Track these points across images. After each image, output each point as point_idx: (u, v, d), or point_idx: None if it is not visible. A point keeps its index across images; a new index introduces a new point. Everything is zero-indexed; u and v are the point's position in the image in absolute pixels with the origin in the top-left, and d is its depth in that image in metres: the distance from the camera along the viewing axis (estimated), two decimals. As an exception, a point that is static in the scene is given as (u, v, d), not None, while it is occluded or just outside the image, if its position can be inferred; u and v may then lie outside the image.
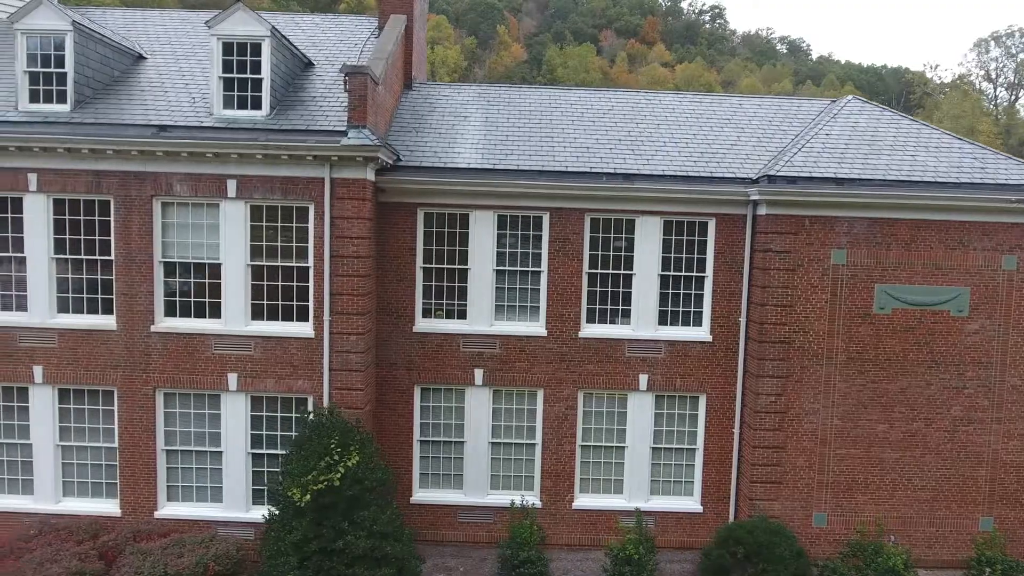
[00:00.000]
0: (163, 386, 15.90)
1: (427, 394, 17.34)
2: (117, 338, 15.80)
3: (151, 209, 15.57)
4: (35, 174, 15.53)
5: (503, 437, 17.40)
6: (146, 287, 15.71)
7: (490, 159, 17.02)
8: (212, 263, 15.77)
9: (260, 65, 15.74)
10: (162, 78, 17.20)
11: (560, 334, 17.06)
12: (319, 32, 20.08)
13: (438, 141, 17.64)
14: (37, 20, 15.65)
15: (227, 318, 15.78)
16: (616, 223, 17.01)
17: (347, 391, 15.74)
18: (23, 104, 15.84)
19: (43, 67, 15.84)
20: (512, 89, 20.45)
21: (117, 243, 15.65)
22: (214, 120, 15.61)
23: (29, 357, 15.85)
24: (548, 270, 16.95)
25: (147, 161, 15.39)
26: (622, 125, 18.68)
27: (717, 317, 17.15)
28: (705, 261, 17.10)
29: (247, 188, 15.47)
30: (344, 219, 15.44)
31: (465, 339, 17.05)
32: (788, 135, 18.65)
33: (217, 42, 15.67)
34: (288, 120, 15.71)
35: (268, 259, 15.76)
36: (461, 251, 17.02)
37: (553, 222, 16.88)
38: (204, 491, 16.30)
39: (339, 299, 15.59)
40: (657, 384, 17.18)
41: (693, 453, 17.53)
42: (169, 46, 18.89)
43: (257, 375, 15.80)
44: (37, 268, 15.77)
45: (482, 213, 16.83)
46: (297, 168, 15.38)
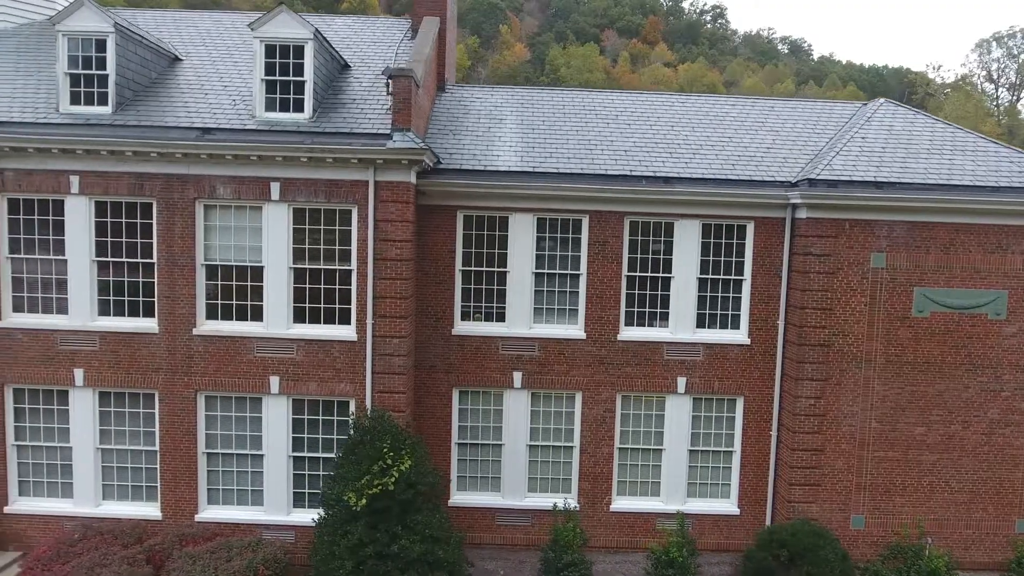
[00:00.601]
0: (204, 389, 15.87)
1: (465, 397, 17.35)
2: (159, 341, 15.77)
3: (194, 212, 15.54)
4: (77, 176, 15.48)
5: (541, 440, 17.42)
6: (188, 290, 15.67)
7: (529, 162, 17.03)
8: (254, 266, 15.74)
9: (303, 68, 15.72)
10: (200, 80, 17.16)
11: (599, 337, 17.08)
12: (352, 34, 20.06)
13: (476, 144, 17.64)
14: (79, 22, 15.60)
15: (269, 321, 15.76)
16: (655, 226, 17.03)
17: (389, 394, 15.73)
18: (64, 106, 15.79)
19: (84, 69, 15.78)
20: (544, 92, 20.45)
21: (159, 246, 15.61)
22: (257, 123, 15.58)
23: (70, 360, 15.81)
24: (587, 273, 16.97)
25: (191, 164, 15.35)
26: (657, 128, 18.69)
27: (755, 320, 17.18)
28: (743, 264, 17.13)
29: (290, 191, 15.45)
30: (388, 222, 15.43)
31: (504, 342, 17.06)
32: (823, 138, 18.69)
33: (260, 44, 15.63)
34: (331, 122, 15.69)
35: (311, 262, 15.74)
36: (500, 254, 17.02)
37: (592, 225, 16.89)
38: (245, 494, 16.28)
39: (382, 302, 15.58)
40: (695, 387, 17.21)
41: (730, 456, 17.57)
42: (203, 48, 18.84)
43: (299, 378, 15.78)
44: (78, 270, 15.72)
45: (522, 216, 16.84)
46: (341, 171, 15.36)
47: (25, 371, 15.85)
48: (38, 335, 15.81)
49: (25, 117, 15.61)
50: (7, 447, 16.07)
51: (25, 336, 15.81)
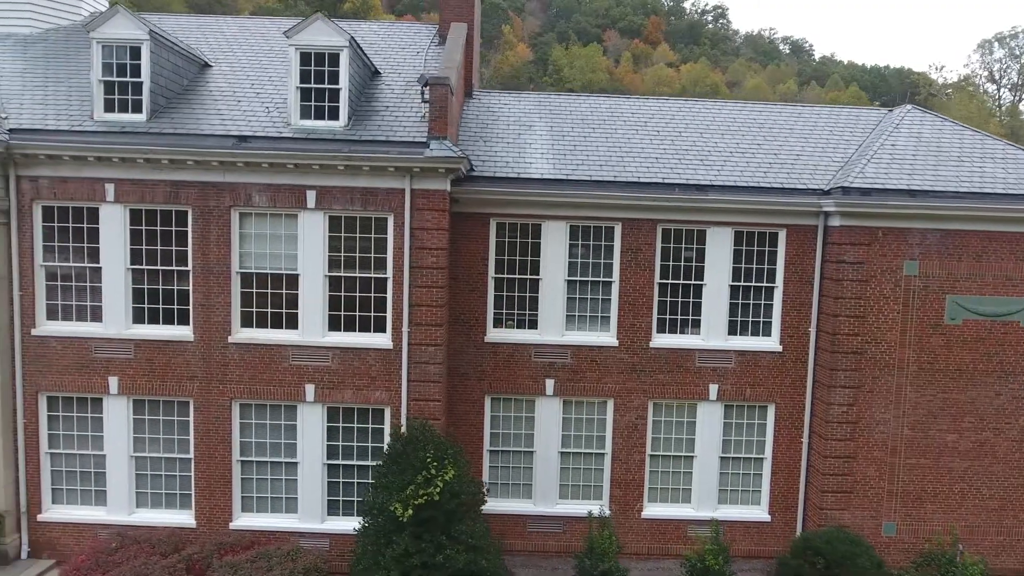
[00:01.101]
0: (240, 397, 15.86)
1: (497, 404, 17.36)
2: (194, 349, 15.75)
3: (229, 219, 15.52)
4: (112, 184, 15.46)
5: (573, 447, 17.44)
6: (223, 298, 15.66)
7: (562, 169, 17.04)
8: (290, 274, 15.73)
9: (338, 75, 15.71)
10: (232, 87, 17.13)
11: (631, 344, 17.10)
12: (379, 40, 20.04)
13: (507, 151, 17.64)
14: (113, 29, 15.58)
15: (304, 329, 15.76)
16: (687, 234, 17.05)
17: (425, 402, 15.74)
18: (98, 113, 15.76)
19: (118, 76, 15.75)
20: (571, 98, 20.46)
21: (195, 254, 15.59)
22: (292, 131, 15.57)
23: (104, 368, 15.79)
24: (619, 280, 16.99)
25: (227, 172, 15.34)
26: (687, 135, 18.71)
27: (787, 327, 17.21)
28: (775, 271, 17.16)
29: (327, 199, 15.44)
30: (424, 230, 15.43)
31: (536, 349, 17.08)
32: (852, 145, 18.72)
33: (295, 52, 15.62)
34: (366, 130, 15.68)
35: (346, 270, 15.74)
36: (533, 261, 17.03)
37: (625, 232, 16.90)
38: (279, 501, 16.28)
39: (418, 310, 15.59)
40: (727, 394, 17.24)
41: (761, 462, 17.61)
42: (232, 54, 18.81)
43: (335, 386, 15.78)
44: (113, 278, 15.70)
45: (555, 223, 16.85)
46: (377, 179, 15.36)
47: (59, 379, 15.82)
48: (72, 343, 15.78)
49: (60, 125, 15.59)
50: (40, 455, 16.04)
51: (59, 344, 15.78)
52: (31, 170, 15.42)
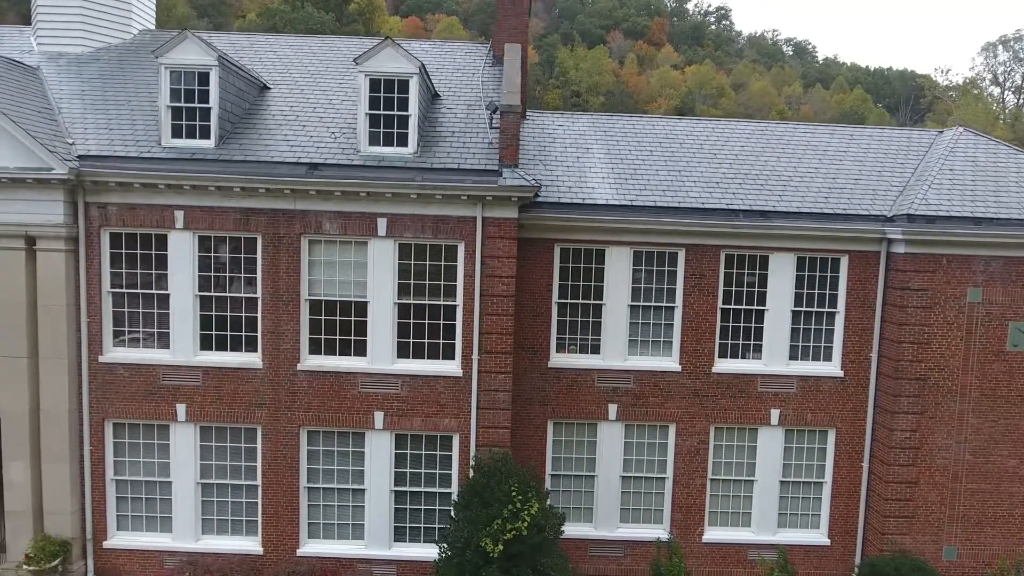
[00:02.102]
0: (308, 424, 15.85)
1: (559, 428, 17.38)
2: (262, 376, 15.72)
3: (299, 247, 15.50)
4: (182, 211, 15.41)
5: (634, 471, 17.48)
6: (292, 325, 15.63)
7: (625, 194, 17.05)
8: (359, 301, 15.71)
9: (407, 102, 15.69)
10: (295, 111, 17.09)
11: (694, 369, 17.14)
12: (431, 60, 19.99)
13: (568, 174, 17.64)
14: (182, 54, 15.52)
15: (373, 356, 15.75)
16: (750, 259, 17.09)
17: (494, 429, 15.76)
18: (166, 139, 15.70)
19: (187, 102, 15.68)
20: (623, 119, 20.46)
21: (264, 281, 15.56)
22: (363, 158, 15.54)
23: (172, 395, 15.75)
24: (683, 306, 17.02)
25: (298, 199, 15.31)
26: (743, 158, 18.74)
27: (848, 352, 17.28)
28: (837, 297, 17.22)
29: (397, 227, 15.43)
30: (494, 258, 15.44)
31: (600, 374, 17.10)
32: (907, 168, 18.78)
33: (364, 78, 15.59)
34: (436, 158, 15.66)
35: (415, 297, 15.72)
36: (596, 286, 17.02)
37: (689, 258, 16.93)
38: (345, 528, 16.27)
39: (488, 338, 15.60)
40: (788, 419, 17.30)
41: (821, 486, 17.67)
42: (287, 75, 18.76)
43: (404, 414, 15.78)
44: (181, 305, 15.66)
45: (618, 248, 16.87)
46: (449, 207, 15.35)
47: (126, 406, 15.78)
48: (140, 370, 15.74)
49: (128, 151, 15.53)
50: (106, 481, 15.99)
51: (126, 371, 15.74)
52: (100, 197, 15.36)
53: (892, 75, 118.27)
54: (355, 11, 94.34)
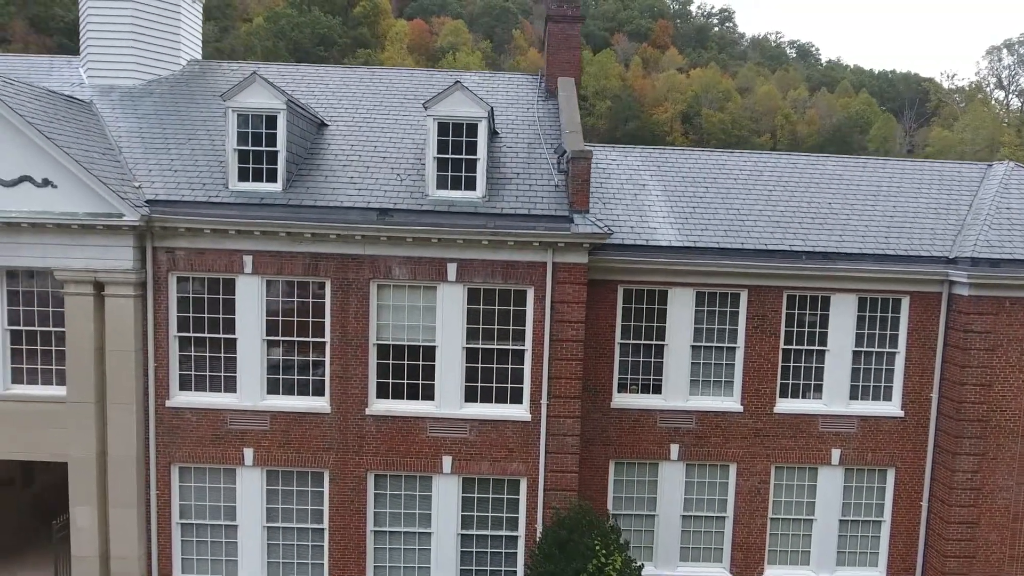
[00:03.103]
0: (375, 468, 15.84)
1: (621, 468, 17.42)
2: (330, 421, 15.70)
3: (368, 291, 15.46)
4: (250, 256, 15.35)
5: (694, 510, 17.52)
6: (360, 369, 15.60)
7: (688, 235, 17.05)
8: (427, 345, 15.68)
9: (476, 146, 15.66)
10: (356, 151, 17.04)
11: (755, 409, 17.17)
12: (483, 92, 19.94)
13: (628, 214, 17.63)
14: (251, 98, 15.46)
15: (441, 400, 15.74)
16: (812, 300, 17.12)
17: (562, 473, 15.77)
18: (233, 183, 15.64)
19: (254, 145, 15.62)
20: (674, 152, 20.48)
21: (333, 325, 15.52)
22: (432, 202, 15.51)
23: (239, 439, 15.71)
24: (745, 346, 17.04)
25: (367, 245, 15.28)
26: (798, 195, 18.76)
27: (908, 392, 17.34)
28: (898, 337, 17.27)
29: (467, 272, 15.40)
30: (564, 303, 15.43)
31: (662, 415, 17.12)
32: (960, 204, 18.83)
33: (433, 122, 15.55)
34: (505, 202, 15.64)
35: (484, 341, 15.70)
36: (659, 327, 17.03)
37: (751, 299, 16.95)
38: (411, 572, 16.26)
39: (557, 382, 15.60)
40: (849, 458, 17.36)
41: (879, 525, 17.75)
42: (343, 110, 18.70)
43: (472, 458, 15.77)
44: (248, 349, 15.61)
45: (681, 290, 16.88)
46: (519, 252, 15.33)
47: (193, 450, 15.73)
48: (207, 414, 15.70)
49: (196, 195, 15.46)
50: (172, 525, 15.95)
51: (193, 415, 15.69)
52: (168, 241, 15.30)
53: (896, 78, 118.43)
54: (360, 14, 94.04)
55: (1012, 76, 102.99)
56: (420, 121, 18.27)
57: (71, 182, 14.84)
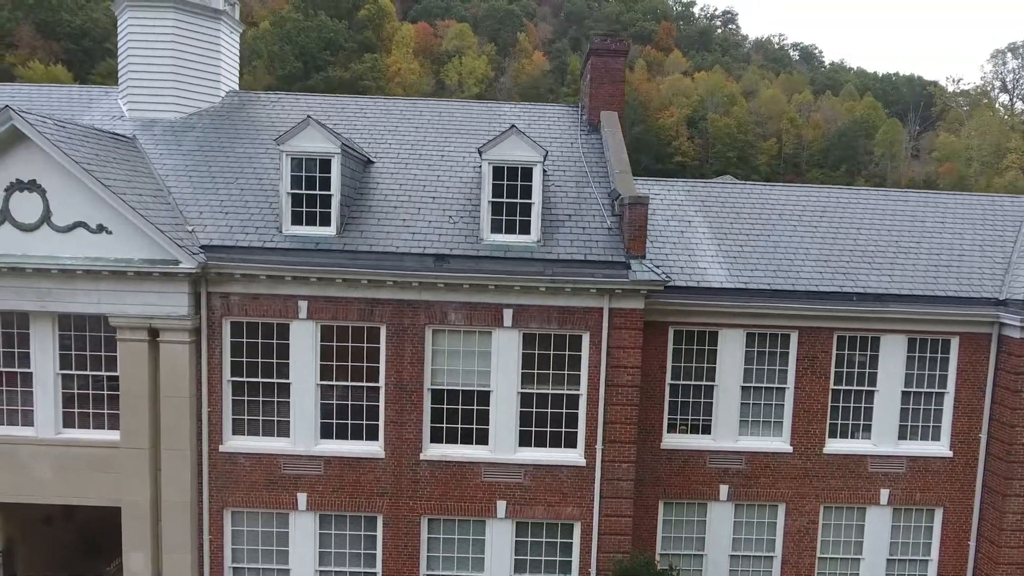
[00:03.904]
0: (429, 513, 15.80)
1: (670, 508, 17.40)
2: (384, 465, 15.65)
3: (423, 337, 15.41)
4: (306, 302, 15.28)
5: (743, 550, 17.51)
6: (415, 415, 15.55)
7: (738, 276, 17.02)
8: (482, 390, 15.63)
9: (531, 190, 15.61)
10: (405, 191, 16.97)
11: (804, 450, 17.17)
12: (523, 125, 19.86)
13: (678, 253, 17.59)
14: (305, 142, 15.38)
15: (496, 445, 15.70)
16: (862, 340, 17.11)
17: (616, 518, 15.75)
18: (287, 227, 15.56)
19: (307, 189, 15.54)
20: (716, 186, 20.49)
21: (388, 371, 15.47)
22: (488, 248, 15.44)
23: (293, 484, 15.66)
24: (794, 387, 17.02)
25: (424, 291, 15.20)
26: (844, 231, 18.74)
27: (957, 432, 17.35)
28: (947, 378, 17.27)
29: (523, 317, 15.35)
30: (620, 348, 15.40)
31: (711, 455, 17.10)
32: (1006, 240, 18.85)
33: (488, 166, 15.49)
34: (560, 247, 15.59)
35: (539, 386, 15.66)
36: (709, 368, 17.01)
37: (802, 340, 16.94)
38: (464, 615, 16.22)
39: (612, 427, 15.58)
40: (897, 498, 17.37)
41: (926, 564, 17.77)
42: (387, 145, 18.63)
43: (526, 502, 15.74)
44: (302, 394, 15.55)
45: (731, 331, 16.86)
46: (575, 299, 15.29)
47: (247, 495, 15.68)
48: (260, 459, 15.64)
49: (249, 240, 15.38)
50: (224, 569, 15.90)
51: (247, 460, 15.63)
52: (223, 287, 15.22)
53: (900, 80, 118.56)
54: (365, 17, 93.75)
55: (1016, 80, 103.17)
56: (465, 157, 18.23)
57: (126, 228, 14.75)
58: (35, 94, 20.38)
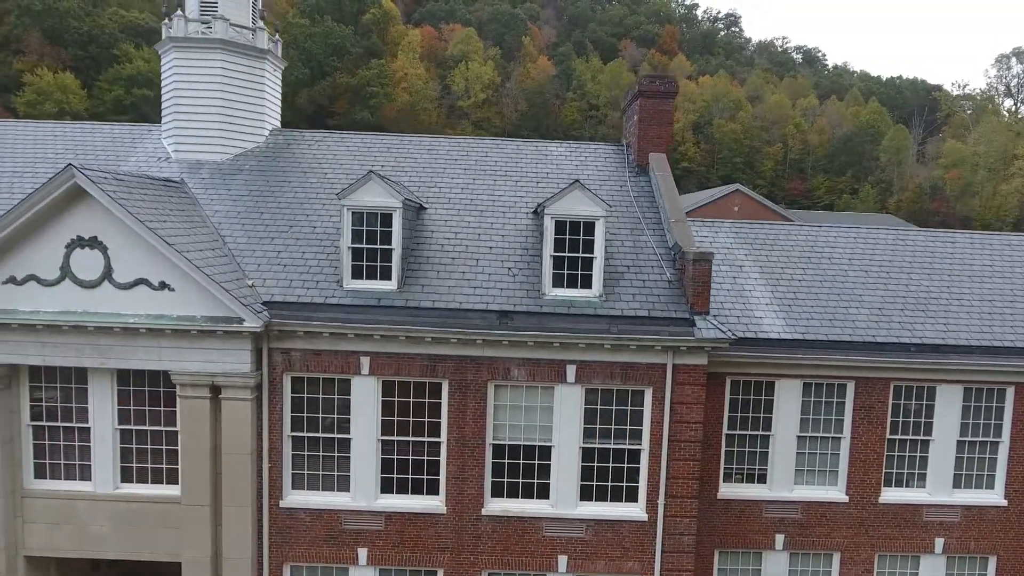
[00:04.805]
0: (490, 568, 15.75)
1: (725, 557, 17.38)
2: (445, 521, 15.59)
3: (486, 393, 15.34)
4: (368, 357, 15.20)
5: (797, 598, 17.49)
6: (477, 470, 15.50)
7: (795, 327, 16.99)
8: (543, 445, 15.57)
9: (593, 244, 15.54)
10: (462, 240, 16.89)
11: (860, 499, 17.16)
12: (570, 165, 19.84)
13: (732, 300, 17.55)
14: (367, 196, 15.31)
15: (557, 500, 15.66)
16: (918, 390, 17.09)
17: (677, 572, 15.73)
18: (347, 281, 15.48)
19: (368, 243, 15.45)
20: (764, 226, 20.42)
21: (450, 426, 15.40)
22: (550, 303, 15.38)
23: (354, 540, 15.60)
24: (851, 436, 17.00)
25: (487, 347, 15.13)
26: (895, 276, 18.73)
27: (1012, 481, 17.36)
28: (1002, 427, 17.26)
29: (586, 373, 15.30)
30: (683, 404, 15.36)
31: (767, 505, 17.08)
32: (1054, 285, 18.82)
33: (550, 221, 15.44)
34: (623, 301, 15.53)
35: (600, 441, 15.61)
36: (765, 418, 16.98)
37: (858, 390, 16.92)
38: (522, 668, 16.18)
39: (675, 483, 15.54)
40: (952, 547, 17.37)
41: (980, 611, 17.78)
42: (437, 189, 18.55)
43: (587, 557, 15.71)
44: (363, 449, 15.47)
45: (788, 381, 16.81)
46: (639, 355, 15.24)
47: (307, 550, 15.61)
48: (320, 515, 15.57)
49: (311, 296, 15.31)
50: (283, 624, 15.81)
51: (307, 515, 15.56)
52: (284, 343, 15.13)
53: (903, 84, 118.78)
54: (369, 21, 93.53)
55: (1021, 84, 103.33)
56: (516, 203, 18.19)
57: (188, 284, 14.63)
58: (79, 133, 20.24)
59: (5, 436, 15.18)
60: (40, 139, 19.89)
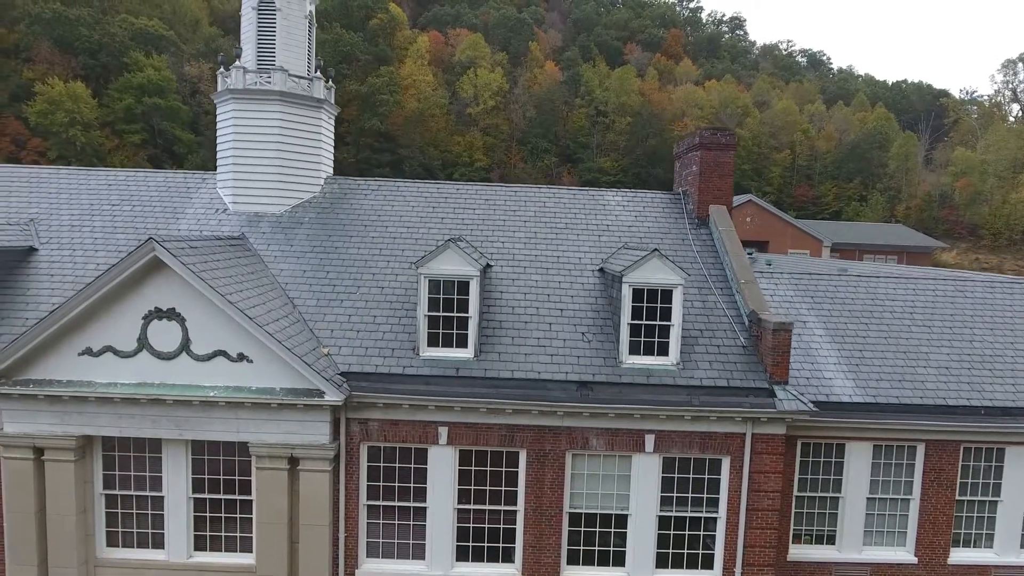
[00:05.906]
0: (570, 636, 15.68)
1: (793, 619, 17.34)
2: (522, 589, 15.49)
3: (564, 462, 15.27)
4: (446, 428, 15.11)
5: (864, 658, 17.47)
6: (554, 539, 15.43)
7: (864, 388, 16.94)
8: (620, 514, 15.51)
9: (670, 312, 15.44)
10: (532, 303, 16.83)
11: (929, 561, 17.14)
12: (628, 216, 19.74)
13: (800, 361, 17.47)
14: (444, 265, 15.19)
15: (633, 567, 15.61)
16: (987, 452, 17.07)
17: (752, 639, 15.67)
18: (423, 349, 15.38)
19: (444, 311, 15.34)
20: (822, 279, 20.31)
21: (527, 496, 15.33)
22: (628, 372, 15.30)
23: (431, 607, 15.49)
24: (920, 499, 16.97)
25: (566, 417, 15.05)
26: (958, 330, 18.69)
27: (1079, 541, 17.35)
28: (1070, 487, 17.25)
29: (664, 443, 15.24)
30: (761, 473, 15.31)
31: (837, 566, 17.04)
32: (1117, 340, 18.81)
33: (628, 288, 15.36)
34: (700, 370, 15.45)
35: (677, 508, 15.56)
36: (835, 480, 16.93)
37: (929, 453, 16.89)
38: None
39: (751, 551, 15.50)
40: (1019, 607, 17.38)
41: (1044, 669, 17.79)
42: (498, 243, 18.50)
43: (663, 625, 15.65)
44: (439, 518, 15.39)
45: (859, 443, 16.78)
46: (717, 425, 15.17)
47: (382, 619, 15.50)
48: (399, 583, 15.46)
49: (388, 366, 15.21)
50: None
51: (383, 584, 15.45)
52: (362, 413, 15.03)
53: (909, 88, 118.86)
54: (376, 26, 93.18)
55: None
56: (580, 259, 18.11)
57: (266, 355, 14.52)
58: (131, 181, 20.05)
59: (79, 507, 15.03)
60: (94, 188, 19.72)
